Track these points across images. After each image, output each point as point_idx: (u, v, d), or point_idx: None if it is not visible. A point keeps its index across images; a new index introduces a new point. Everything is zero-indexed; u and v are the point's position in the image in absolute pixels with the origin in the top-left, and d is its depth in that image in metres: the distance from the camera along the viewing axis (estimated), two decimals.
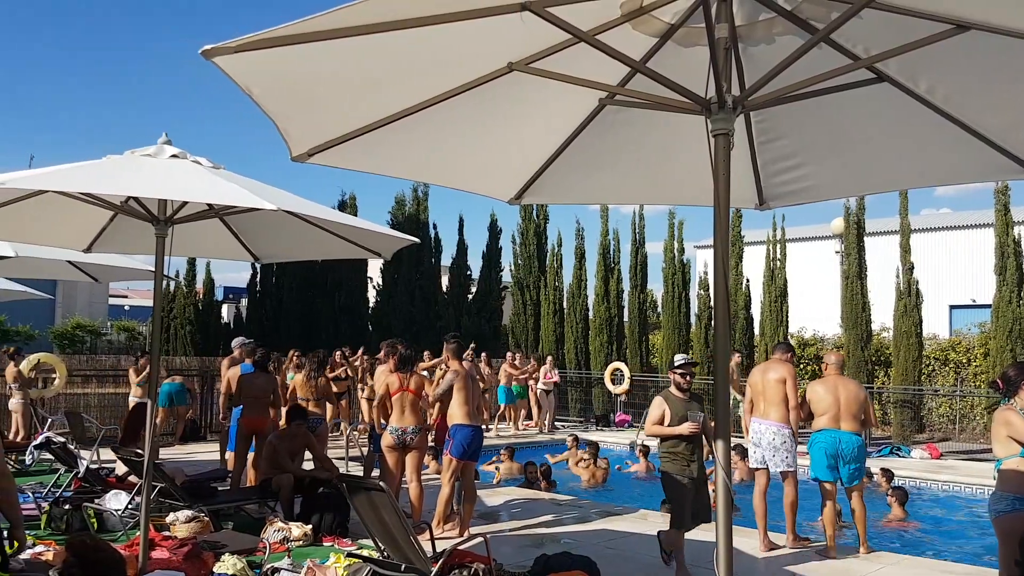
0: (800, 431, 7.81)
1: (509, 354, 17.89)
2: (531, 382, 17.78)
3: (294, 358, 12.53)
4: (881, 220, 24.72)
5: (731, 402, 15.07)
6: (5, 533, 3.85)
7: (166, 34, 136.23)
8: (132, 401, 12.99)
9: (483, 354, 16.82)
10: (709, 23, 2.97)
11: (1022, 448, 4.87)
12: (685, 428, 6.38)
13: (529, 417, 18.25)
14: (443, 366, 9.94)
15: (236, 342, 11.21)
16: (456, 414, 7.79)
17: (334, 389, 12.29)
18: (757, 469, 7.75)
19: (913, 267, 17.68)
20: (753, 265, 20.77)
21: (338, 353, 14.20)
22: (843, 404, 7.45)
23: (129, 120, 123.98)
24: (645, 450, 13.99)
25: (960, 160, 3.87)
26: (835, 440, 7.40)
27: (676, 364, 6.66)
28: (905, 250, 17.64)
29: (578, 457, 13.60)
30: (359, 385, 14.05)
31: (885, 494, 10.62)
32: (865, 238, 18.73)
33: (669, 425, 6.47)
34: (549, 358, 18.56)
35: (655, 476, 13.21)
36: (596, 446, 13.93)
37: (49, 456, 9.63)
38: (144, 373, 13.48)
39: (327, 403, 11.28)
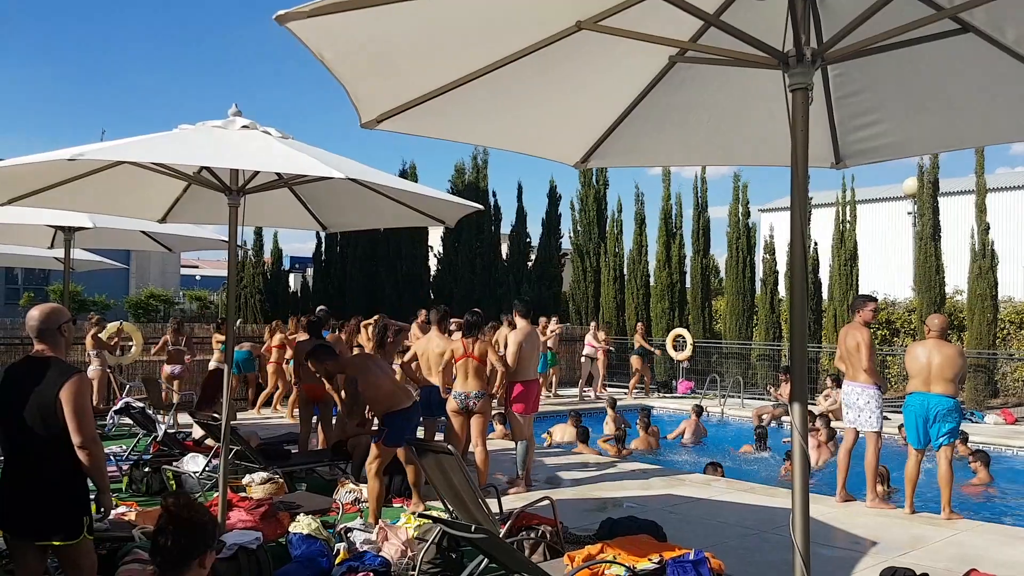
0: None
1: (542, 320, 17.55)
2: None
3: (359, 326, 12.69)
4: (954, 180, 23.96)
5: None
6: (92, 498, 4.01)
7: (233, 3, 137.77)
8: (213, 366, 13.47)
9: (540, 320, 16.76)
10: None
11: None
12: None
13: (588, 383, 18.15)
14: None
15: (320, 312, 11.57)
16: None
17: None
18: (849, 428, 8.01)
19: (989, 227, 17.13)
20: (821, 228, 20.35)
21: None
22: (935, 367, 7.36)
23: (198, 92, 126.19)
24: (699, 411, 13.90)
25: None
26: (924, 402, 7.39)
27: None
28: (980, 210, 17.09)
29: (611, 415, 13.61)
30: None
31: (965, 459, 10.45)
32: (939, 198, 18.17)
33: None
34: (592, 324, 18.35)
35: (703, 440, 13.19)
36: (648, 412, 13.88)
37: (128, 421, 9.97)
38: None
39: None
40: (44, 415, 3.77)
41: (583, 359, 17.79)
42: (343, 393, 8.66)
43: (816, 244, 19.62)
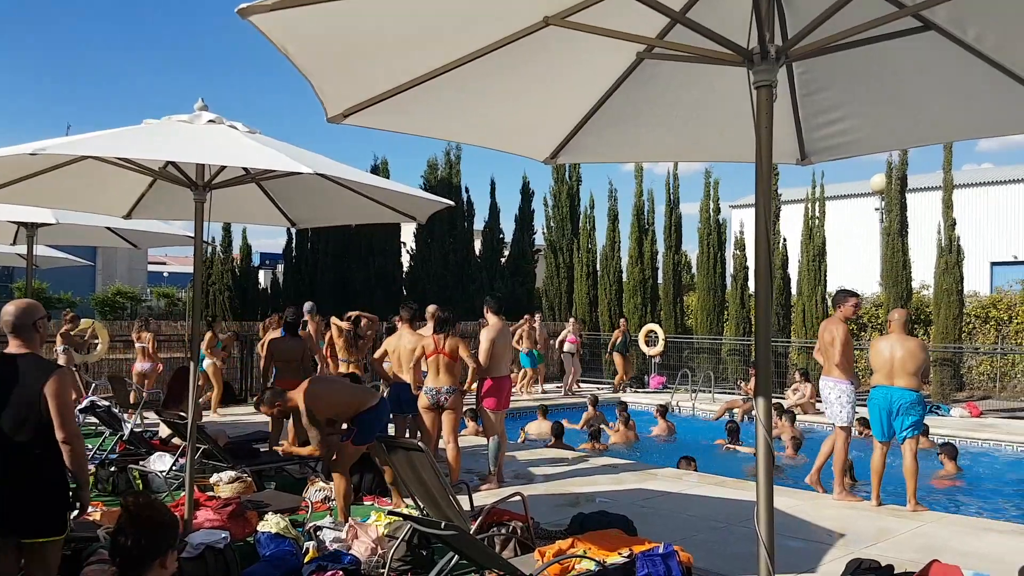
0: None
1: (525, 317, 17.72)
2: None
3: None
4: (922, 176, 24.27)
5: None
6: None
7: None
8: (208, 365, 13.41)
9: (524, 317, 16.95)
10: None
11: None
12: None
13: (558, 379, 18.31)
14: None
15: (308, 307, 11.44)
16: None
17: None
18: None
19: (955, 223, 17.36)
20: (790, 224, 20.52)
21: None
22: (898, 361, 7.46)
23: (164, 87, 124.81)
24: (663, 411, 14.00)
25: (1009, 110, 3.76)
26: (887, 395, 7.50)
27: None
28: (947, 206, 17.32)
29: (591, 411, 13.73)
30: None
31: (932, 451, 10.62)
32: (907, 194, 18.40)
33: None
34: (571, 320, 18.53)
35: (675, 437, 13.29)
36: (625, 406, 13.96)
37: (94, 420, 9.84)
38: (225, 337, 13.99)
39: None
40: (27, 411, 3.74)
41: (564, 355, 17.85)
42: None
43: (785, 240, 19.77)
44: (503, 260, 23.83)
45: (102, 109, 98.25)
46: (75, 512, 4.06)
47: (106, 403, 9.72)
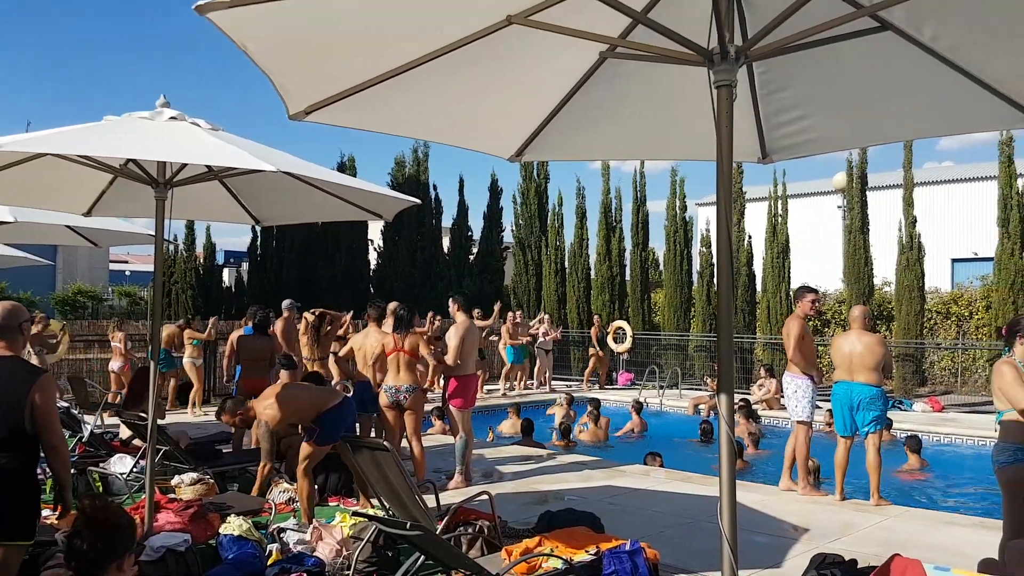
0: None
1: (510, 314, 17.89)
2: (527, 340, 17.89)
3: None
4: (883, 174, 24.61)
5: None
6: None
7: None
8: (187, 363, 13.24)
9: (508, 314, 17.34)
10: None
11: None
12: None
13: (530, 377, 18.37)
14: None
15: (286, 304, 11.26)
16: None
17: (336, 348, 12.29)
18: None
19: (916, 220, 17.63)
20: (755, 222, 20.70)
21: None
22: (858, 356, 7.54)
23: (126, 83, 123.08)
24: (639, 407, 14.08)
25: (965, 110, 3.82)
26: (848, 391, 7.57)
27: None
28: (908, 203, 17.58)
29: (565, 410, 13.80)
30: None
31: (899, 444, 10.78)
32: (868, 192, 18.65)
33: None
34: (547, 316, 18.62)
35: (645, 434, 13.36)
36: (597, 403, 14.01)
37: None
38: (205, 334, 13.94)
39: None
40: (8, 413, 3.71)
41: (538, 350, 17.90)
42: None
43: (750, 237, 19.95)
44: (471, 258, 23.82)
45: (65, 104, 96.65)
46: (57, 513, 4.05)
47: (65, 404, 9.57)
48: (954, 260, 26.22)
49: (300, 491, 6.55)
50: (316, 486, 7.26)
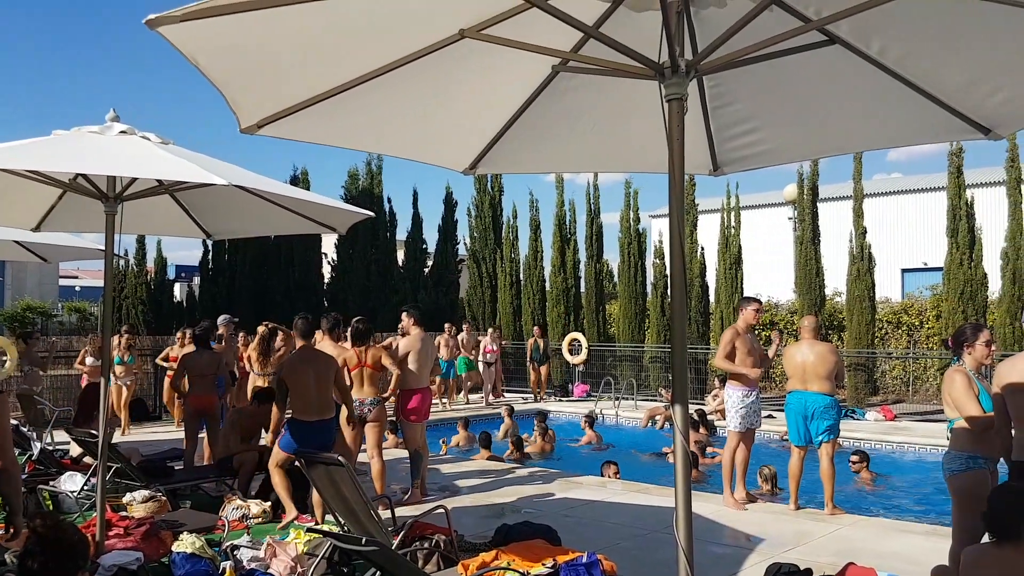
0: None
1: (447, 325, 17.74)
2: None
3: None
4: (834, 186, 25.08)
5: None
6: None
7: (110, 4, 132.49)
8: (113, 385, 12.90)
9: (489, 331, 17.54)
10: None
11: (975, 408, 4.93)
12: None
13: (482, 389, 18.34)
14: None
15: (222, 319, 11.08)
16: None
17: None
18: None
19: (866, 231, 17.95)
20: (708, 233, 20.92)
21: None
22: (810, 366, 7.61)
23: (75, 97, 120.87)
24: (591, 420, 14.12)
25: (913, 122, 3.89)
26: (802, 400, 7.63)
27: None
28: (858, 215, 17.90)
29: (508, 421, 13.91)
30: None
31: (848, 453, 10.91)
32: (819, 204, 18.97)
33: None
34: (491, 330, 18.62)
35: (602, 446, 13.41)
36: (544, 416, 14.02)
37: None
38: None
39: None
40: None
41: (482, 364, 17.86)
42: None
43: (703, 249, 20.15)
44: (426, 270, 23.74)
45: (8, 122, 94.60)
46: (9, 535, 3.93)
47: (14, 422, 9.32)
48: (904, 270, 26.72)
49: (276, 485, 6.66)
50: (271, 501, 7.19)
